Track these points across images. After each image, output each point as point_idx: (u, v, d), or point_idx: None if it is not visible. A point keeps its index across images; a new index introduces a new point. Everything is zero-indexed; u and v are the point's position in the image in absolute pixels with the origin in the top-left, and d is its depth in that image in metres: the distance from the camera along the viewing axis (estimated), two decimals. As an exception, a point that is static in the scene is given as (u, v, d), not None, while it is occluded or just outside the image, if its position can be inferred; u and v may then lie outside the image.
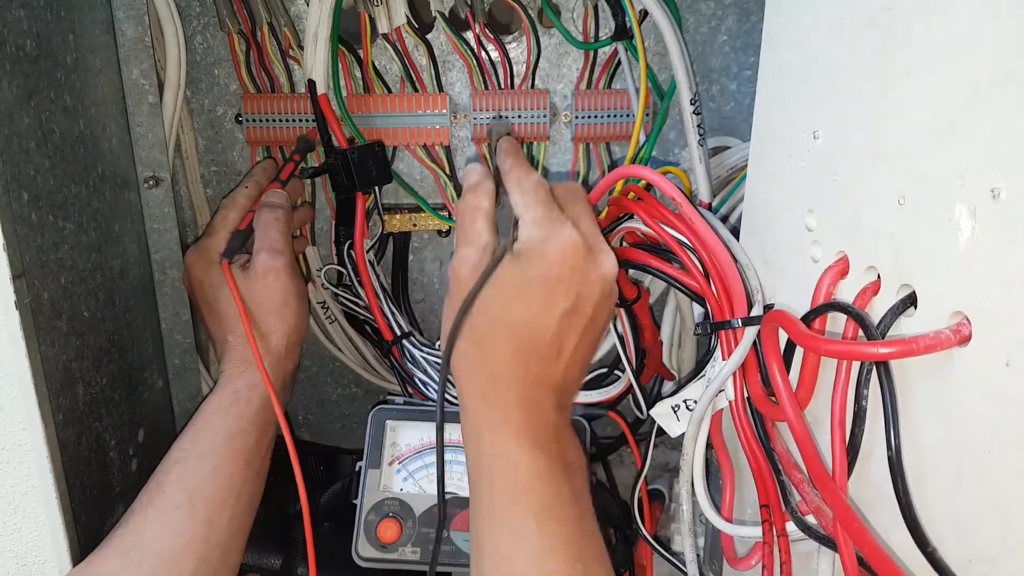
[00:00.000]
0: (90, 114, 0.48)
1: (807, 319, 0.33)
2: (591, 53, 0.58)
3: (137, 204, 0.55)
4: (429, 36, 0.58)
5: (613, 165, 0.61)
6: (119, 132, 0.53)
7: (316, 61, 0.54)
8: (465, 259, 0.41)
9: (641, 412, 0.57)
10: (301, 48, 0.57)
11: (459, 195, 0.60)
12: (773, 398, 0.36)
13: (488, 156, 0.58)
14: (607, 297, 0.41)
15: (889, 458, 0.27)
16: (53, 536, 0.43)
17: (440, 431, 0.44)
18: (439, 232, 0.64)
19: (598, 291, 0.40)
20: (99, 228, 0.49)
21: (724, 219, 0.52)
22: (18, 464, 0.42)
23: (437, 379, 0.57)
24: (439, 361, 0.58)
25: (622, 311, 0.53)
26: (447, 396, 0.57)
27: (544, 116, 0.59)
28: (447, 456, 0.54)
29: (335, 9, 0.53)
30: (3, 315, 0.39)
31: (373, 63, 0.58)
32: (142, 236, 0.56)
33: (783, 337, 0.36)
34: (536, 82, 0.60)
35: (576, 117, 0.59)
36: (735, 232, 0.43)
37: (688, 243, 0.41)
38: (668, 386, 0.60)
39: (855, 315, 0.30)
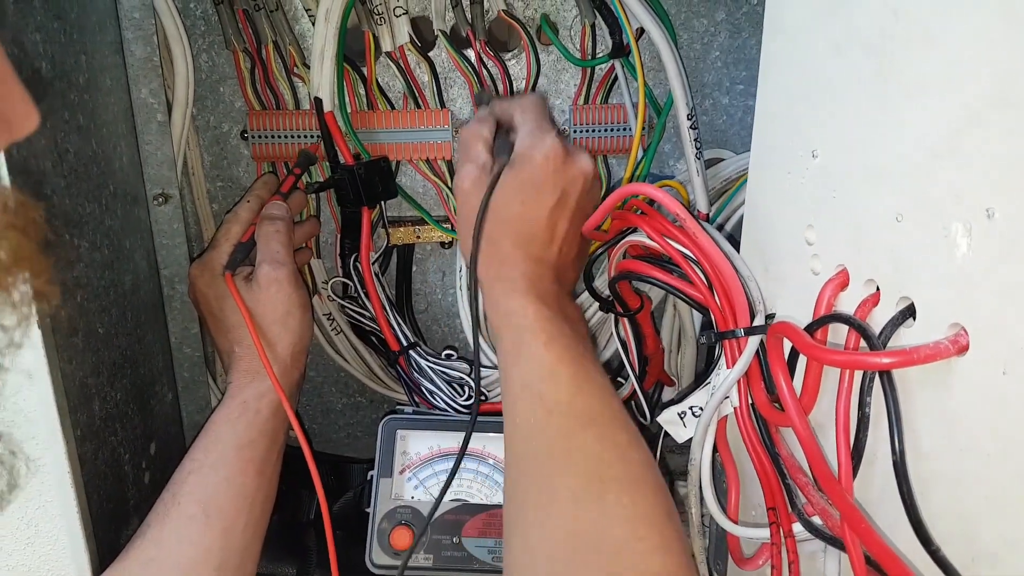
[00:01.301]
0: (102, 133, 0.49)
1: (810, 329, 0.34)
2: (588, 69, 0.60)
3: (147, 221, 0.56)
4: (431, 54, 0.60)
5: (611, 178, 0.63)
6: (129, 150, 0.53)
7: (322, 79, 0.55)
8: (467, 174, 0.49)
9: (644, 417, 0.58)
10: (306, 66, 0.58)
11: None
12: (777, 404, 0.37)
13: None
14: (588, 189, 0.50)
15: (894, 462, 0.28)
16: (73, 551, 0.44)
17: (476, 334, 0.53)
18: (442, 244, 0.65)
19: (580, 185, 0.49)
20: (111, 245, 0.50)
21: (720, 228, 0.54)
22: (31, 479, 0.42)
23: (444, 388, 0.58)
24: (445, 371, 0.59)
25: (625, 320, 0.54)
26: (457, 407, 0.58)
27: (544, 130, 0.60)
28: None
29: (341, 28, 0.54)
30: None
31: (377, 80, 0.59)
32: (151, 252, 0.56)
33: (787, 346, 0.37)
34: (536, 97, 0.61)
35: (574, 131, 0.60)
36: (733, 241, 0.44)
37: (691, 255, 0.43)
38: (668, 392, 0.62)
39: (857, 327, 0.31)
